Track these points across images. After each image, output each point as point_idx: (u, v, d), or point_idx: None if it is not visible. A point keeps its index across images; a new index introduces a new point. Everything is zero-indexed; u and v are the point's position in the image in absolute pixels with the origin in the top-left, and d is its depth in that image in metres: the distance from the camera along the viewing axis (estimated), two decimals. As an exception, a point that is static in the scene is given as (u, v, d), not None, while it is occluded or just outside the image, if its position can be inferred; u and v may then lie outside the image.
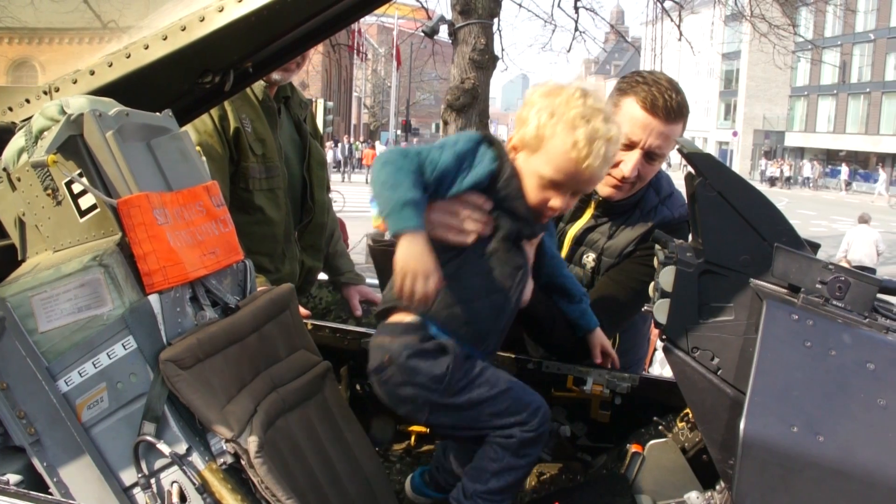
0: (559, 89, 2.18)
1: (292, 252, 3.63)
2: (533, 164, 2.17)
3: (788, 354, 1.69)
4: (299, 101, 3.79)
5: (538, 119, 2.14)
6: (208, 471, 1.92)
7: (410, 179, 2.04)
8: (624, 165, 2.75)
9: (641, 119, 2.71)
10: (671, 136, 2.71)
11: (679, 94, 2.73)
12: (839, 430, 1.63)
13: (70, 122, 1.96)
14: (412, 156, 2.10)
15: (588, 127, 2.10)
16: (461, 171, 2.14)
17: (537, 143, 2.15)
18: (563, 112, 2.12)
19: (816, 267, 1.79)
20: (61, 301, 1.95)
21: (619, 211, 2.92)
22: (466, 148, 2.15)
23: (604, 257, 2.93)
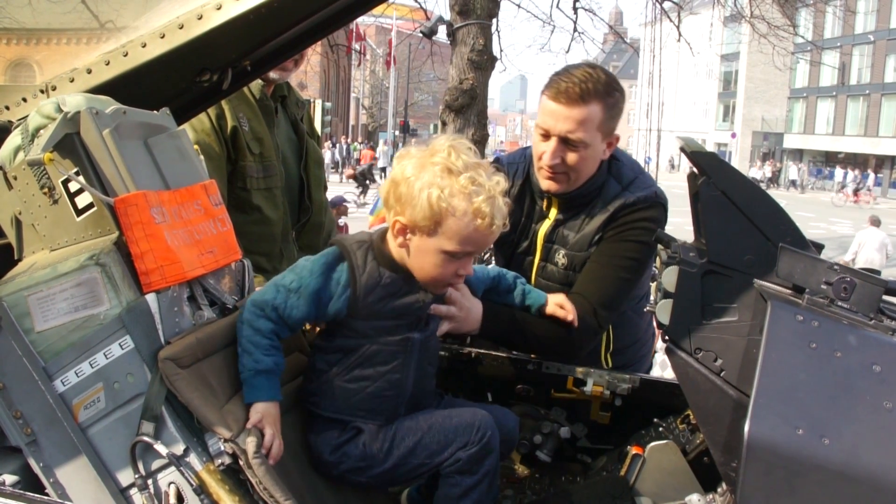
0: (430, 155, 2.11)
1: (290, 251, 3.61)
2: (433, 243, 2.11)
3: (793, 356, 1.67)
4: (296, 101, 3.78)
5: (428, 199, 2.05)
6: (206, 472, 1.91)
7: (265, 344, 2.07)
8: (545, 155, 2.81)
9: (549, 109, 2.77)
10: (580, 118, 2.72)
11: (589, 80, 2.74)
12: (845, 433, 1.61)
13: (67, 120, 1.94)
14: (269, 311, 2.10)
15: (482, 189, 2.07)
16: (319, 307, 2.15)
17: (434, 224, 2.08)
18: (451, 183, 2.06)
19: (822, 267, 1.77)
20: (58, 300, 1.93)
21: (582, 203, 2.93)
22: (318, 285, 2.14)
23: (574, 252, 2.94)
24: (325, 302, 2.14)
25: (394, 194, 2.12)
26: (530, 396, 2.84)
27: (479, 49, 11.56)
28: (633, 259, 2.80)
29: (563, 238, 2.96)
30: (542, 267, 3.04)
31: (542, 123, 2.81)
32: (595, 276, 2.81)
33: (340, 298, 2.14)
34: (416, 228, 2.10)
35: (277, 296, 2.12)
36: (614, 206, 2.86)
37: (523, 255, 3.08)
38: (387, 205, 2.17)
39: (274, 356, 2.09)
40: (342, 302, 2.14)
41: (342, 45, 25.75)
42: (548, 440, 2.75)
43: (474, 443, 2.18)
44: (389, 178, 2.17)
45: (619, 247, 2.82)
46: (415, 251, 2.14)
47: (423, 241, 2.11)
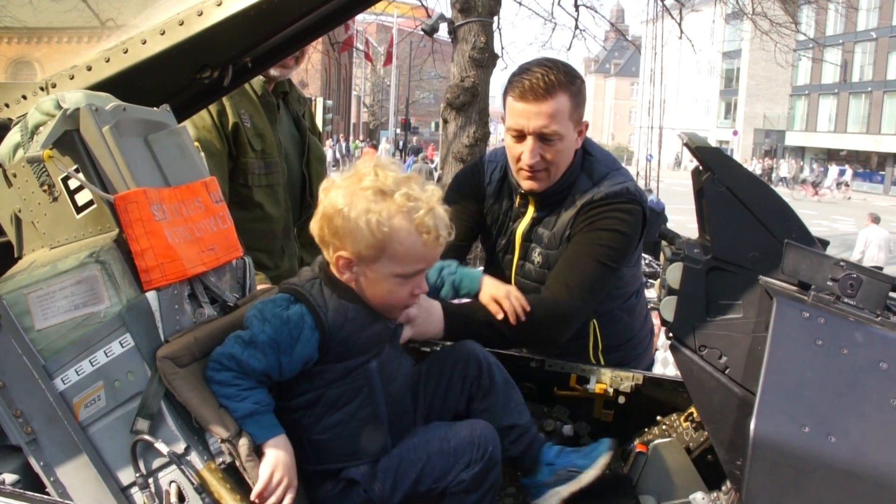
0: (358, 181, 2.02)
1: (291, 248, 3.61)
2: (382, 269, 2.03)
3: (799, 353, 1.66)
4: (297, 97, 3.77)
5: (367, 226, 1.97)
6: (207, 470, 1.89)
7: (233, 393, 1.95)
8: (523, 155, 2.79)
9: (519, 109, 2.76)
10: (551, 112, 2.72)
11: (550, 73, 2.72)
12: (851, 431, 1.60)
13: (66, 117, 1.93)
14: (227, 361, 1.96)
15: (420, 203, 2.00)
16: (283, 354, 2.00)
17: (379, 251, 2.00)
18: (387, 205, 1.98)
19: (828, 264, 1.76)
20: (58, 298, 1.92)
21: (557, 200, 2.91)
22: (272, 334, 1.99)
23: (548, 250, 2.92)
24: (287, 349, 1.99)
25: (329, 229, 2.03)
26: (533, 394, 2.82)
27: (480, 47, 11.56)
28: (605, 246, 2.75)
29: (539, 237, 2.95)
30: (520, 266, 3.02)
31: (514, 125, 2.79)
32: (567, 260, 2.78)
33: (309, 342, 2.01)
34: (361, 259, 2.02)
35: (234, 347, 1.99)
36: (582, 201, 2.84)
37: (503, 254, 3.07)
38: (322, 242, 2.08)
39: (249, 397, 1.95)
40: (312, 346, 2.01)
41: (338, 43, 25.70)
42: (551, 438, 2.74)
43: (476, 461, 2.11)
44: (320, 213, 2.07)
45: (589, 236, 2.79)
46: (365, 282, 2.06)
47: (372, 269, 2.03)
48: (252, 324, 2.02)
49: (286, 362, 2.00)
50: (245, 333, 2.01)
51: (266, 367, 1.99)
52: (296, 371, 2.04)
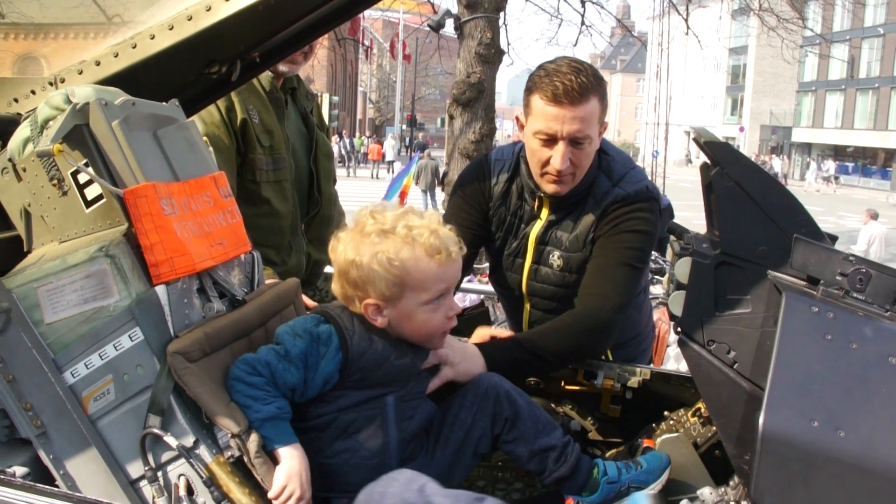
0: (360, 231, 2.10)
1: (299, 244, 3.61)
2: (410, 302, 2.07)
3: (808, 347, 1.65)
4: (305, 93, 3.77)
5: (381, 268, 2.03)
6: (216, 464, 1.90)
7: (261, 395, 1.97)
8: (554, 160, 2.71)
9: (551, 112, 2.66)
10: (585, 116, 2.65)
11: (581, 74, 2.65)
12: (860, 425, 1.59)
13: (76, 112, 1.94)
14: (261, 368, 2.00)
15: (421, 228, 2.06)
16: (308, 370, 2.03)
17: (399, 289, 2.05)
18: (391, 242, 2.05)
19: (836, 258, 1.75)
20: (67, 292, 1.93)
21: (574, 202, 2.87)
22: (304, 346, 2.03)
23: (569, 253, 2.89)
24: (314, 365, 2.03)
25: (349, 284, 2.09)
26: (541, 389, 2.83)
27: (486, 43, 11.55)
28: (634, 248, 2.74)
29: (557, 240, 2.91)
30: (534, 270, 2.98)
31: (545, 129, 2.68)
32: (598, 269, 2.75)
33: (332, 361, 2.04)
34: (387, 300, 2.07)
35: (270, 356, 2.02)
36: (605, 203, 2.81)
37: (513, 257, 3.02)
38: (346, 299, 2.13)
39: (274, 402, 1.97)
40: (333, 365, 2.04)
41: (349, 39, 25.73)
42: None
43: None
44: (335, 272, 2.13)
45: (617, 239, 2.77)
46: (398, 320, 2.10)
47: (400, 307, 2.08)
48: (284, 339, 2.06)
49: (310, 378, 2.03)
50: (279, 347, 2.05)
51: (296, 383, 2.01)
52: (316, 391, 2.06)
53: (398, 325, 2.11)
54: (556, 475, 2.23)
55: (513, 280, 3.05)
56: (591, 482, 2.24)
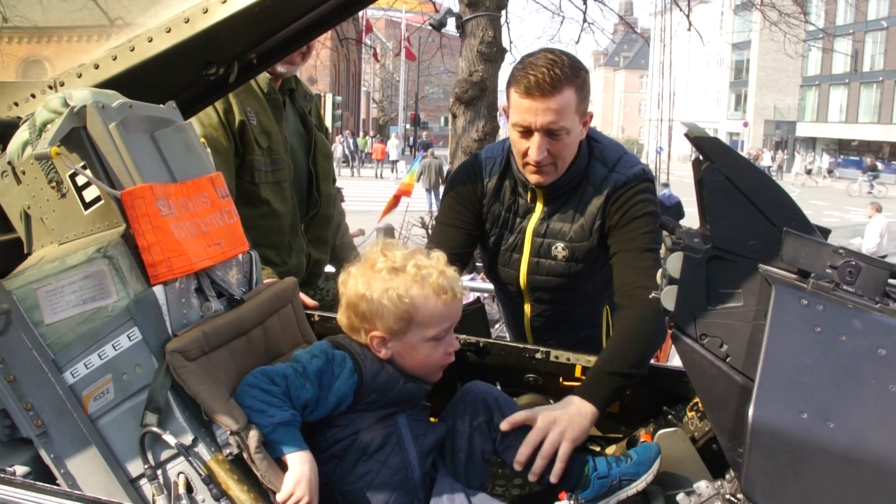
0: (371, 267, 2.20)
1: (299, 244, 3.63)
2: (414, 338, 2.17)
3: (798, 340, 1.66)
4: (304, 94, 3.79)
5: (391, 303, 2.14)
6: (214, 461, 1.92)
7: (276, 402, 2.00)
8: (530, 151, 2.76)
9: (525, 105, 2.71)
10: (558, 108, 2.68)
11: (555, 67, 2.67)
12: (850, 417, 1.60)
13: (73, 115, 1.96)
14: (279, 379, 2.04)
15: (431, 268, 2.18)
16: (322, 389, 2.09)
17: (406, 324, 2.15)
18: (402, 280, 2.16)
19: (826, 251, 1.76)
20: (66, 293, 1.95)
21: (568, 192, 2.92)
22: (319, 365, 2.11)
23: (574, 243, 2.91)
24: (328, 384, 2.09)
25: (357, 316, 2.19)
26: (539, 385, 2.84)
27: (488, 41, 11.56)
28: (650, 232, 2.77)
29: (558, 231, 2.93)
30: (534, 263, 2.99)
31: (520, 121, 2.74)
32: (632, 263, 2.76)
33: (347, 382, 2.11)
34: (393, 334, 2.17)
35: (288, 370, 2.08)
36: (607, 189, 2.85)
37: (510, 252, 3.04)
38: (353, 330, 2.22)
39: (289, 410, 2.01)
40: (348, 386, 2.11)
41: (352, 38, 25.73)
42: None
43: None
44: (343, 304, 2.23)
45: (632, 227, 2.80)
46: (401, 353, 2.19)
47: (405, 340, 2.18)
48: (301, 358, 2.13)
49: (323, 397, 2.08)
50: (297, 364, 2.11)
51: (310, 399, 2.06)
52: (327, 410, 2.10)
53: (400, 357, 2.19)
54: (548, 476, 2.29)
55: (510, 276, 3.07)
56: (583, 479, 2.28)
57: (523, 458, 2.27)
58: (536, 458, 2.27)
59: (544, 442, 2.28)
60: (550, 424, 2.31)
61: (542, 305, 3.11)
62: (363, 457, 2.13)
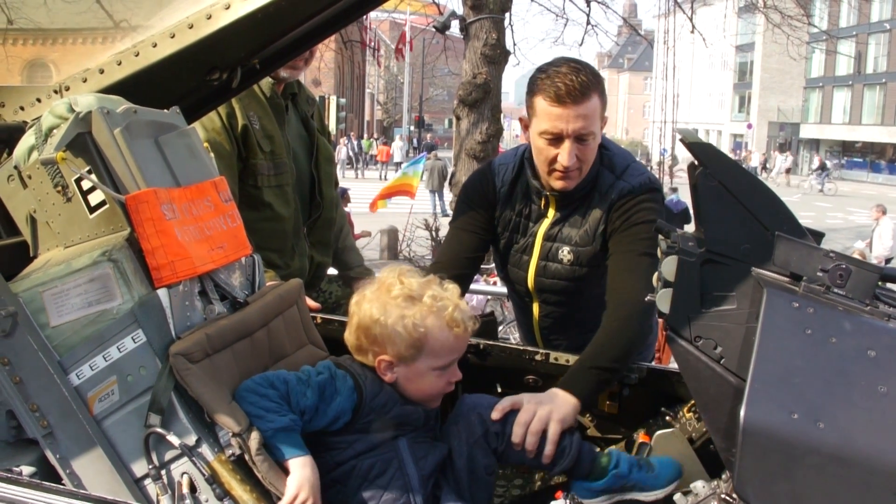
0: (387, 292, 2.23)
1: (301, 248, 3.65)
2: (422, 366, 2.21)
3: (789, 342, 1.69)
4: (306, 98, 3.81)
5: (405, 330, 2.17)
6: (218, 462, 1.95)
7: (273, 407, 2.03)
8: (561, 157, 2.81)
9: (556, 112, 2.76)
10: (588, 113, 2.76)
11: (580, 73, 2.75)
12: (840, 417, 1.63)
13: (78, 120, 1.99)
14: (279, 384, 2.08)
15: (447, 301, 2.23)
16: (322, 401, 2.12)
17: (416, 351, 2.19)
18: (418, 309, 2.19)
19: (817, 255, 1.79)
20: (72, 296, 1.98)
21: (579, 198, 2.97)
22: (323, 379, 2.15)
23: (579, 248, 2.97)
24: (329, 397, 2.13)
25: (367, 338, 2.22)
26: (539, 387, 2.86)
27: (492, 43, 11.58)
28: (648, 238, 2.79)
29: (566, 236, 2.99)
30: (541, 266, 3.05)
31: (550, 129, 2.78)
32: (625, 265, 2.82)
33: (347, 400, 2.14)
34: (402, 359, 2.20)
35: (290, 376, 2.11)
36: (611, 197, 2.90)
37: (520, 254, 3.10)
38: (360, 350, 2.25)
39: (287, 415, 2.03)
40: (348, 403, 2.14)
41: (356, 41, 25.73)
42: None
43: None
44: (354, 325, 2.25)
45: (631, 232, 2.85)
46: (406, 378, 2.23)
47: (412, 367, 2.21)
48: (307, 370, 2.17)
49: (322, 409, 2.11)
50: (302, 374, 2.14)
51: (309, 406, 2.09)
52: (324, 423, 2.13)
53: (404, 382, 2.23)
54: (560, 468, 2.34)
55: (520, 277, 3.12)
56: (598, 469, 2.31)
57: (518, 439, 2.30)
58: (527, 436, 2.31)
59: (533, 419, 2.33)
60: (538, 404, 2.38)
61: (549, 307, 3.15)
62: (365, 482, 2.15)
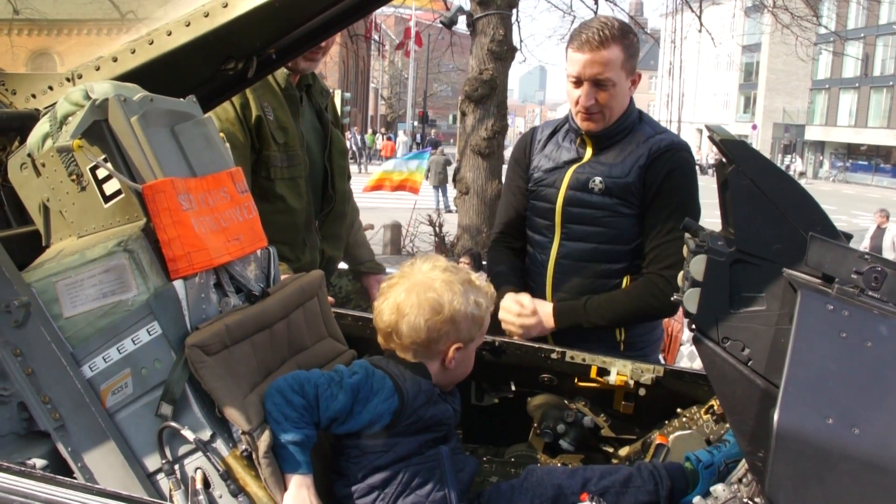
0: (446, 279, 2.24)
1: (313, 241, 3.62)
2: (474, 346, 2.30)
3: (823, 345, 1.65)
4: (321, 90, 3.78)
5: (475, 311, 2.24)
6: (232, 457, 1.91)
7: (294, 417, 1.97)
8: (580, 98, 3.13)
9: (576, 58, 3.10)
10: (604, 61, 3.05)
11: (604, 28, 3.06)
12: (876, 423, 1.59)
13: (95, 107, 1.95)
14: (308, 388, 2.02)
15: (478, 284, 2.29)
16: (357, 402, 2.06)
17: (478, 329, 2.28)
18: (477, 292, 2.26)
19: (852, 257, 1.75)
20: (86, 286, 1.95)
21: (616, 141, 3.21)
22: (358, 380, 2.08)
23: (612, 178, 3.14)
24: (364, 398, 2.07)
25: (441, 327, 2.20)
26: (554, 385, 2.84)
27: (498, 40, 11.56)
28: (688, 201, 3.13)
29: (601, 169, 3.17)
30: (570, 195, 3.20)
31: (571, 72, 3.12)
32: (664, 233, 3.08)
33: (386, 402, 2.08)
34: (466, 342, 2.25)
35: (321, 378, 2.05)
36: (652, 144, 3.15)
37: (549, 187, 3.28)
38: (430, 342, 2.21)
39: (305, 429, 1.98)
40: (387, 405, 2.08)
41: (361, 35, 25.73)
42: (571, 429, 2.75)
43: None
44: (424, 315, 2.18)
45: (675, 201, 3.10)
46: (460, 362, 2.27)
47: (469, 348, 2.28)
48: (340, 369, 2.12)
49: (357, 410, 2.06)
50: (335, 374, 2.09)
51: (340, 410, 2.04)
52: (357, 427, 2.08)
53: (457, 367, 2.26)
54: (661, 493, 2.22)
55: (546, 209, 3.27)
56: (691, 474, 2.27)
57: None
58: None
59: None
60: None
61: (570, 243, 3.23)
62: (406, 490, 2.09)
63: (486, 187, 12.41)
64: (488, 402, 2.92)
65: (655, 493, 2.21)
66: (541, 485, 2.21)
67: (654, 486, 2.22)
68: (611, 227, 3.15)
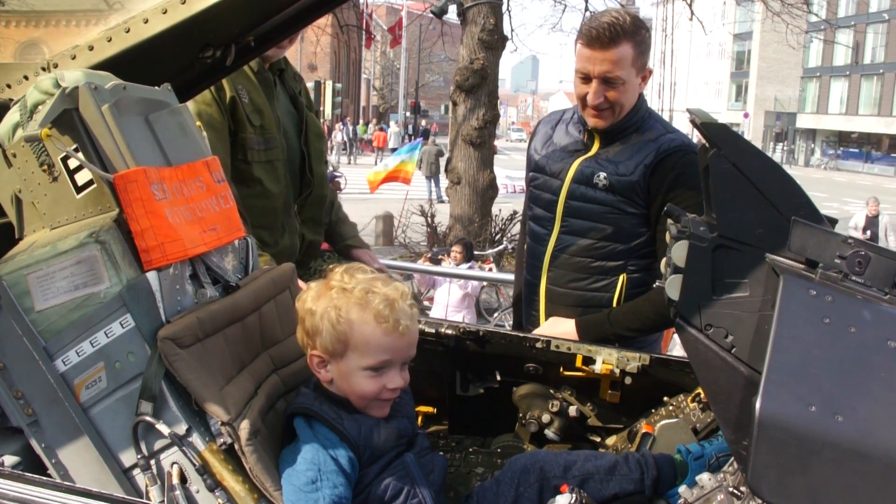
0: (325, 285, 2.08)
1: (292, 225, 3.60)
2: (350, 363, 2.02)
3: (806, 331, 1.62)
4: (293, 74, 3.78)
5: (329, 321, 2.01)
6: (209, 451, 1.88)
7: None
8: (588, 96, 3.08)
9: (585, 54, 3.05)
10: (615, 58, 3.00)
11: (615, 23, 2.98)
12: (859, 410, 1.56)
13: (65, 96, 1.91)
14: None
15: (377, 295, 2.02)
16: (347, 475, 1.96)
17: (343, 345, 2.01)
18: (346, 300, 2.02)
19: (835, 241, 1.72)
20: (58, 279, 1.91)
21: (622, 134, 3.17)
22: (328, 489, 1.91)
23: (617, 176, 3.11)
24: (340, 469, 1.95)
25: (303, 331, 2.08)
26: (539, 375, 2.81)
27: (489, 29, 11.54)
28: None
29: (606, 165, 3.14)
30: (573, 188, 3.20)
31: (580, 68, 3.08)
32: None
33: (345, 459, 1.96)
34: (331, 355, 2.04)
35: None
36: (662, 143, 3.11)
37: (554, 177, 3.27)
38: (303, 345, 2.11)
39: None
40: (347, 462, 1.96)
41: (352, 25, 25.63)
42: (556, 419, 2.73)
43: None
44: (299, 319, 2.11)
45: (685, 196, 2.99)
46: (339, 378, 2.05)
47: (342, 365, 2.03)
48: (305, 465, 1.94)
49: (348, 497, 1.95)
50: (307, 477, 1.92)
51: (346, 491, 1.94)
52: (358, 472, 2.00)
53: (339, 382, 2.06)
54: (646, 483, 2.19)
55: (548, 200, 3.27)
56: (681, 468, 2.22)
57: None
58: None
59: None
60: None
61: (568, 237, 3.24)
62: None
63: (478, 177, 12.40)
64: (473, 392, 2.90)
65: (640, 482, 2.18)
66: (525, 471, 2.18)
67: (640, 475, 2.19)
68: (611, 224, 3.15)
